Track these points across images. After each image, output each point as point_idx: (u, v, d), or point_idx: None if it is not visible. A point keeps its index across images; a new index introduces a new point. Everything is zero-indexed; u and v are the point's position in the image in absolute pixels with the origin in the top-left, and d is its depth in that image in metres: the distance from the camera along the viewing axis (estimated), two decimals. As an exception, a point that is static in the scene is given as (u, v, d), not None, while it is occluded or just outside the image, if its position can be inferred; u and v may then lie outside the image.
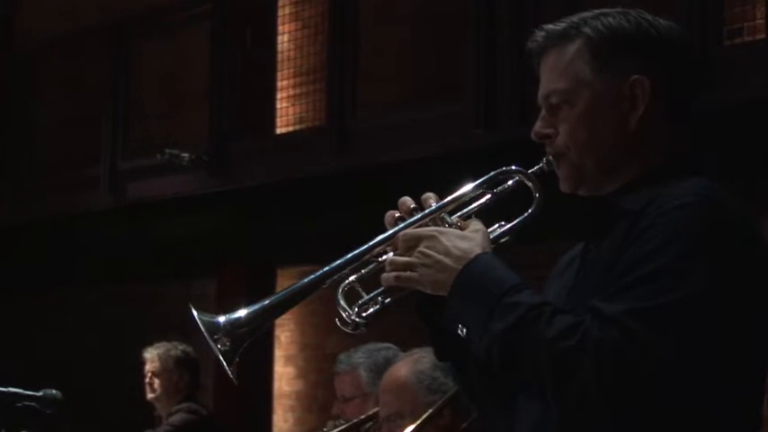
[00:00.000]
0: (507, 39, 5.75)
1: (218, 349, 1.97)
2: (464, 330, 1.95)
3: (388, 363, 3.36)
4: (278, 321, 8.56)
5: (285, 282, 8.42)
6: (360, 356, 3.67)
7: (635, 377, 1.76)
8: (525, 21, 5.57)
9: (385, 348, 3.67)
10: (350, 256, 2.04)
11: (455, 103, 6.12)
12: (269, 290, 8.31)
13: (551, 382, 1.81)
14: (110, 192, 7.78)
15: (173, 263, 8.49)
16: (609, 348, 1.76)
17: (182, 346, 5.54)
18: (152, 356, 5.58)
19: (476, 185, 2.08)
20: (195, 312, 1.99)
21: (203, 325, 1.98)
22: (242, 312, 2.00)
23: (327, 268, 2.04)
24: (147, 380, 5.56)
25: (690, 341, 1.78)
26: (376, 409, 3.38)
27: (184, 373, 5.56)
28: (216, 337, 1.98)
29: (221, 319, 1.99)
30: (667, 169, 1.98)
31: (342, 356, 3.74)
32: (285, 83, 7.45)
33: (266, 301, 2.03)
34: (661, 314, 1.78)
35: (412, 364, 2.97)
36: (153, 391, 5.56)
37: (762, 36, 5.45)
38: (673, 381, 1.77)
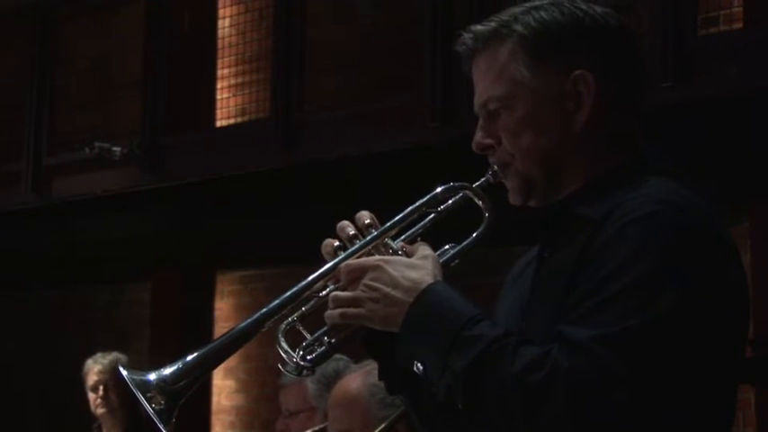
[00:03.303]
0: (467, 24, 5.76)
1: (153, 408, 1.94)
2: (420, 367, 1.93)
3: (338, 375, 3.37)
4: (217, 330, 8.53)
5: (224, 287, 8.40)
6: (306, 368, 3.67)
7: (609, 407, 1.76)
8: (484, 8, 5.60)
9: (334, 359, 3.67)
10: (288, 294, 2.03)
11: (410, 95, 6.14)
12: (207, 296, 8.30)
13: (521, 419, 1.80)
14: (33, 189, 7.71)
15: (103, 266, 8.44)
16: (580, 378, 1.76)
17: (123, 357, 5.48)
18: (101, 367, 5.51)
19: (419, 205, 2.07)
20: (125, 372, 1.97)
21: (134, 385, 1.95)
22: (172, 368, 1.97)
23: (264, 310, 2.03)
24: (100, 393, 5.49)
25: (661, 363, 1.79)
26: (324, 425, 3.39)
27: None
28: (149, 395, 1.95)
29: (152, 376, 1.96)
30: (625, 170, 1.97)
31: (287, 368, 3.74)
32: (226, 71, 7.42)
33: (200, 353, 2.00)
34: (630, 338, 1.78)
35: (364, 377, 2.98)
36: (106, 405, 5.49)
37: (739, 25, 5.51)
38: (646, 407, 1.78)
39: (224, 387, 8.59)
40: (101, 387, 5.50)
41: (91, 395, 5.54)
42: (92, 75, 7.81)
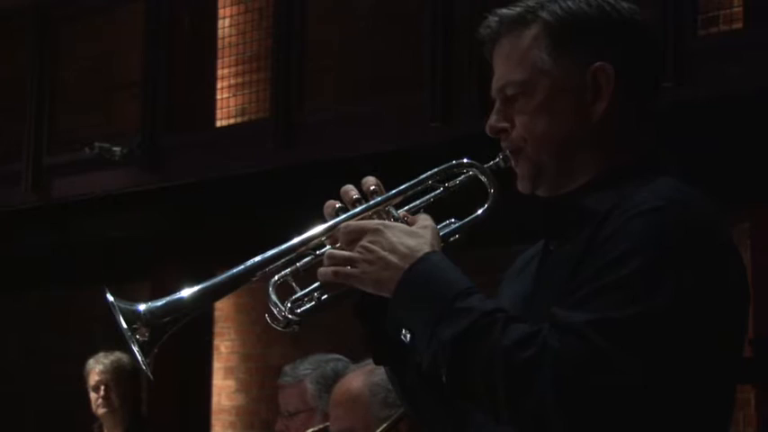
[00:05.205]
0: (466, 25, 5.78)
1: (136, 339, 1.96)
2: (408, 336, 1.93)
3: (337, 375, 3.37)
4: (217, 330, 8.54)
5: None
6: (306, 368, 3.68)
7: (596, 391, 1.76)
8: (485, 6, 5.59)
9: (334, 360, 3.68)
10: (284, 247, 2.03)
11: (410, 95, 6.14)
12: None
13: (505, 396, 1.79)
14: (33, 189, 7.71)
15: (103, 266, 8.44)
16: (569, 360, 1.76)
17: (125, 357, 5.52)
18: (103, 367, 5.53)
19: (425, 177, 2.08)
20: (111, 298, 1.99)
21: (121, 312, 1.97)
22: (164, 301, 2.00)
23: (258, 259, 2.03)
24: (101, 393, 5.51)
25: (655, 354, 1.79)
26: (323, 425, 3.39)
27: (135, 386, 5.56)
28: (134, 326, 1.97)
29: (142, 307, 1.99)
30: (634, 167, 1.98)
31: (287, 368, 3.74)
32: (226, 71, 7.43)
33: (191, 291, 2.02)
34: (625, 325, 1.78)
35: (365, 376, 2.98)
36: (107, 405, 5.52)
37: (739, 25, 5.51)
38: (636, 396, 1.78)
39: (224, 387, 8.59)
40: (102, 387, 5.52)
41: (92, 395, 5.57)
42: (92, 75, 7.80)
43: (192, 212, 7.71)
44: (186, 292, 2.01)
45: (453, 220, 2.08)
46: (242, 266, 2.03)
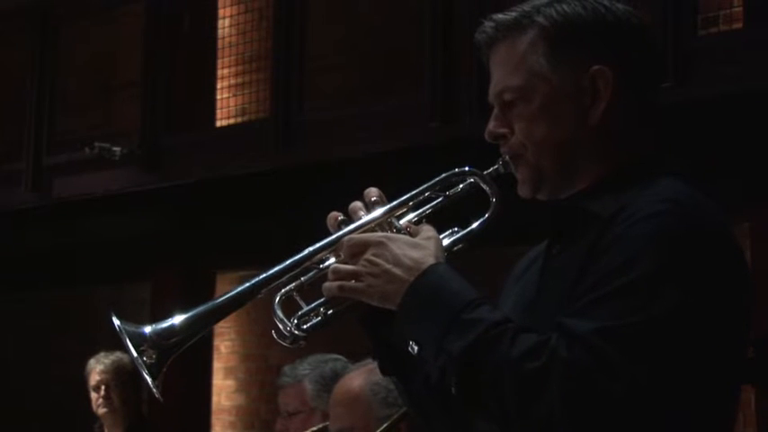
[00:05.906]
0: (467, 24, 5.77)
1: (144, 362, 1.96)
2: (415, 348, 1.93)
3: (336, 375, 3.38)
4: (217, 330, 8.53)
5: (224, 286, 8.40)
6: (305, 368, 3.69)
7: (605, 400, 1.76)
8: (484, 8, 5.58)
9: (332, 360, 3.68)
10: (288, 262, 2.03)
11: (410, 95, 6.13)
12: (207, 294, 8.28)
13: (515, 406, 1.80)
14: (33, 189, 7.70)
15: (103, 266, 8.44)
16: (578, 370, 1.76)
17: (126, 357, 5.52)
18: (103, 367, 5.54)
19: (427, 187, 2.08)
20: (118, 322, 1.98)
21: (127, 336, 1.97)
22: (170, 322, 1.99)
23: (262, 276, 2.03)
24: (101, 392, 5.52)
25: (663, 361, 1.79)
26: (323, 425, 3.39)
27: (136, 386, 5.56)
28: (141, 348, 1.97)
29: (147, 329, 1.98)
30: (635, 170, 1.98)
31: (286, 368, 3.75)
32: (226, 71, 7.42)
33: (196, 311, 2.02)
34: (633, 333, 1.78)
35: (366, 375, 2.98)
36: (108, 404, 5.53)
37: (739, 25, 5.50)
38: (644, 403, 1.78)
39: (224, 387, 8.59)
40: (102, 387, 5.53)
41: (93, 395, 5.57)
42: (92, 75, 7.79)
43: (192, 212, 7.71)
44: (190, 313, 2.01)
45: (456, 228, 2.07)
46: (246, 284, 2.04)
